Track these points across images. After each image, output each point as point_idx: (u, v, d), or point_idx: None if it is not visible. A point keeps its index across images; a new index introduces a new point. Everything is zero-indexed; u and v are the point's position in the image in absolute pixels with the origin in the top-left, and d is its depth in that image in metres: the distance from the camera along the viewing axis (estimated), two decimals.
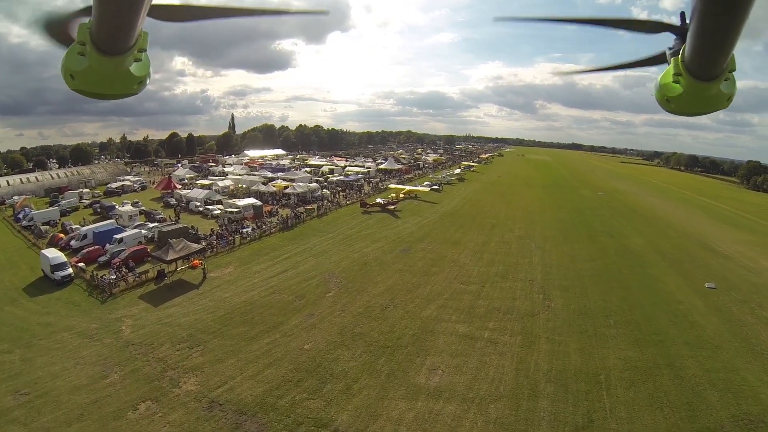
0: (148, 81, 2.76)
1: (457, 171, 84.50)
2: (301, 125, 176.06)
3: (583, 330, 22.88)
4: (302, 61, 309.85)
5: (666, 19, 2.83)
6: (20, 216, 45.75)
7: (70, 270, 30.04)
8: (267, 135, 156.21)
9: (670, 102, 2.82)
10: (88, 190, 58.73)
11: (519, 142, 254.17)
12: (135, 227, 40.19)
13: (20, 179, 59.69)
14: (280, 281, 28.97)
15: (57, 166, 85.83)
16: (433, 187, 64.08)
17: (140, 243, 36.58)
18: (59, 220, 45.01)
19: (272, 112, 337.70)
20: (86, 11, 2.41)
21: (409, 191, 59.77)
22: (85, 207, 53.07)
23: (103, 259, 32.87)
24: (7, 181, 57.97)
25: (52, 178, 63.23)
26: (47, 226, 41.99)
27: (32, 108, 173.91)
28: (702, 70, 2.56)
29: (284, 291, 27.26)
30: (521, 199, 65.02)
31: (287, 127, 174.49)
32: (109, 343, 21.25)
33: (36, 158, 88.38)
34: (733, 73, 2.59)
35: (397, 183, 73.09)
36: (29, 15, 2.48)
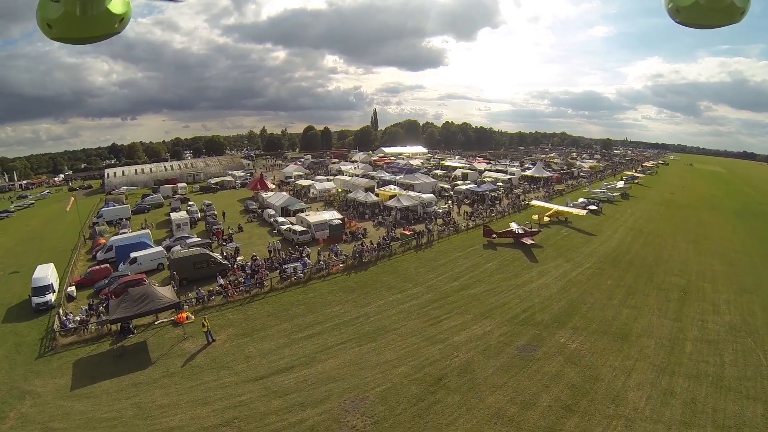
0: (130, 17, 2.81)
1: (620, 184, 68.42)
2: (447, 122, 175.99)
3: None
4: (453, 59, 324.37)
5: None
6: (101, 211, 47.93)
7: (50, 297, 25.93)
8: (410, 131, 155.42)
9: (680, 12, 3.05)
10: (184, 184, 60.77)
11: (681, 149, 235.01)
12: (175, 240, 35.81)
13: (135, 170, 66.51)
14: (258, 397, 17.11)
15: (191, 156, 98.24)
16: (590, 206, 50.99)
17: (159, 266, 31.34)
18: (128, 219, 45.12)
19: (426, 110, 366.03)
20: None
21: (557, 213, 46.73)
22: (169, 204, 53.92)
23: (100, 284, 28.18)
24: (123, 171, 65.01)
25: (165, 170, 68.94)
26: (105, 227, 41.76)
27: (196, 104, 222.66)
28: None
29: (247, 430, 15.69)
30: (711, 234, 46.48)
31: (432, 123, 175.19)
32: None
33: (174, 149, 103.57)
34: None
35: (545, 197, 58.96)
36: None
